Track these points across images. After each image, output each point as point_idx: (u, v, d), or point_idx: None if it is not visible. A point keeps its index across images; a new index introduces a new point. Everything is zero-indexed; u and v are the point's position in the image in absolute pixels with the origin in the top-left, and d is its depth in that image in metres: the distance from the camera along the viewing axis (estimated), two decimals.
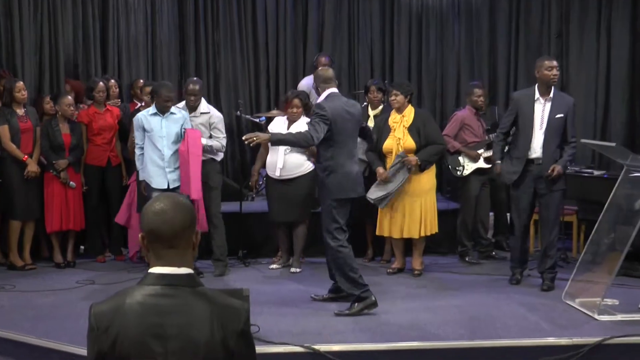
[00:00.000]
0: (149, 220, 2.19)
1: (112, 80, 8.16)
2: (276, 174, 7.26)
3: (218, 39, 9.68)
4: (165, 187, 6.73)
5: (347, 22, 9.93)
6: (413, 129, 6.95)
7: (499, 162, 6.78)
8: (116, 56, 9.07)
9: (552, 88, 6.49)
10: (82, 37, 8.68)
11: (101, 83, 7.78)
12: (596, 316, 5.59)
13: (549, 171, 6.39)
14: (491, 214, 8.31)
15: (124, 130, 7.79)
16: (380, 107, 7.72)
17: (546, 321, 5.57)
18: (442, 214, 7.29)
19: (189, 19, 9.58)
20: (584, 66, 9.61)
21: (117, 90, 8.17)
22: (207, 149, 6.99)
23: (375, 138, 6.72)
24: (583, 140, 6.71)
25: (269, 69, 9.82)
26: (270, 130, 7.26)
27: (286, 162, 7.24)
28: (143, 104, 7.86)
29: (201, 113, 7.11)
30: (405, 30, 9.95)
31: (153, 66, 9.40)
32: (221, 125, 7.19)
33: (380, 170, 6.96)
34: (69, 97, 7.55)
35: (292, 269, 7.35)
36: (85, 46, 8.71)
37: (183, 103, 7.17)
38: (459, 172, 7.75)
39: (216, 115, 7.22)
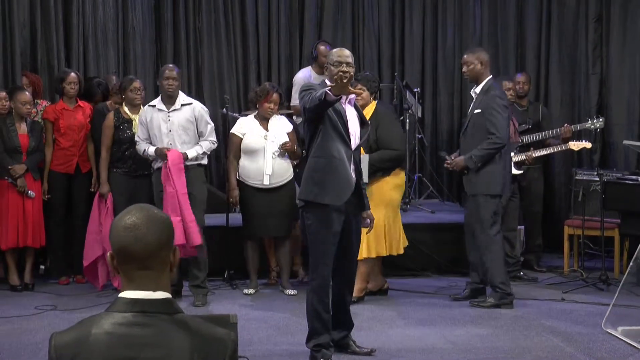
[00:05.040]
0: (118, 236, 2.19)
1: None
2: (265, 182, 7.27)
3: (200, 24, 9.67)
4: None
5: (350, 5, 9.91)
6: None
7: None
8: (81, 45, 9.06)
9: (484, 80, 6.82)
10: (40, 23, 8.68)
11: (73, 74, 7.80)
12: None
13: (446, 162, 7.08)
14: (522, 227, 8.33)
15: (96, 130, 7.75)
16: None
17: (584, 353, 5.56)
18: (461, 228, 7.26)
19: (167, 1, 9.56)
20: (628, 55, 9.58)
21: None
22: (199, 157, 7.08)
23: None
24: (626, 142, 6.71)
25: (259, 60, 9.81)
26: (239, 133, 7.37)
27: (275, 168, 7.29)
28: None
29: (182, 105, 7.07)
30: (418, 13, 9.94)
31: (124, 57, 9.39)
32: (208, 117, 7.22)
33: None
34: (27, 93, 7.55)
35: (287, 291, 7.37)
36: (45, 33, 8.71)
37: (157, 99, 7.16)
38: None
39: (201, 106, 7.23)
